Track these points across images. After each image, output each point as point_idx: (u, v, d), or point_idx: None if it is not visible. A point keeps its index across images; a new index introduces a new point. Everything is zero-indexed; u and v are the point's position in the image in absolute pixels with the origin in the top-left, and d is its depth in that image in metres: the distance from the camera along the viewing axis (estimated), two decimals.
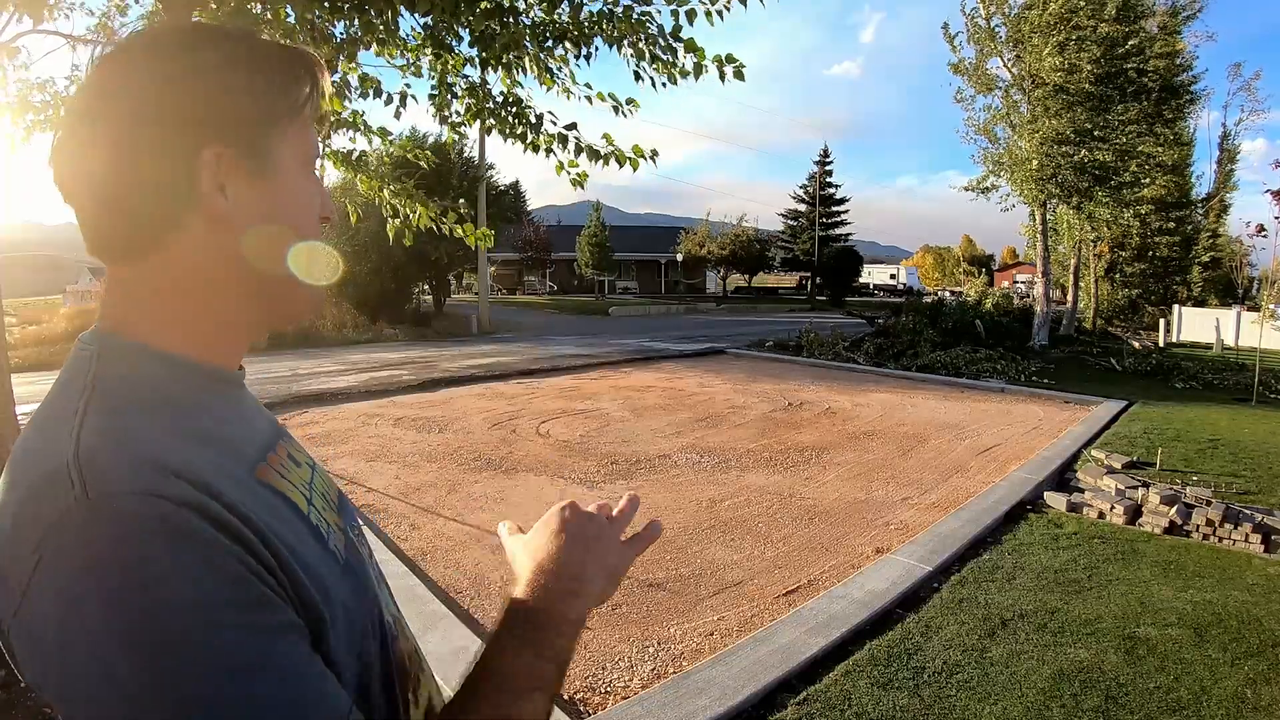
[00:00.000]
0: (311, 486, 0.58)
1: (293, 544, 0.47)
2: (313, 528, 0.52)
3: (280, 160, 0.53)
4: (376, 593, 0.59)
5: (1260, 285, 23.02)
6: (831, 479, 5.36)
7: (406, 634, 0.65)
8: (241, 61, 0.51)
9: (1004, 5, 13.78)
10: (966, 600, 3.34)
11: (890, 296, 40.73)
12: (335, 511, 0.60)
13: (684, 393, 9.08)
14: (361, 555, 0.61)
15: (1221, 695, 2.58)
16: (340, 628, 0.49)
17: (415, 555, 3.83)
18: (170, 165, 0.48)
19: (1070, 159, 13.19)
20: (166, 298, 0.52)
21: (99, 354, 0.49)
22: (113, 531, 0.40)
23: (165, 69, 0.49)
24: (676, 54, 2.28)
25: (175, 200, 0.49)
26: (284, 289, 0.56)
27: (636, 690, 2.62)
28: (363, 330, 16.18)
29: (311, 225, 0.57)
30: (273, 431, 0.60)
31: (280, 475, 0.53)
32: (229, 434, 0.52)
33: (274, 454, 0.55)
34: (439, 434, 6.65)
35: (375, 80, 2.70)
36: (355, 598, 0.53)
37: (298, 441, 0.65)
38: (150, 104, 0.48)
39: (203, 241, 0.51)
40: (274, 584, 0.44)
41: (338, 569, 0.52)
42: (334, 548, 0.54)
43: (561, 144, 2.52)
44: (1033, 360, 12.13)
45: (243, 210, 0.51)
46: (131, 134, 0.48)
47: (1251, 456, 6.05)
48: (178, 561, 0.40)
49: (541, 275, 41.53)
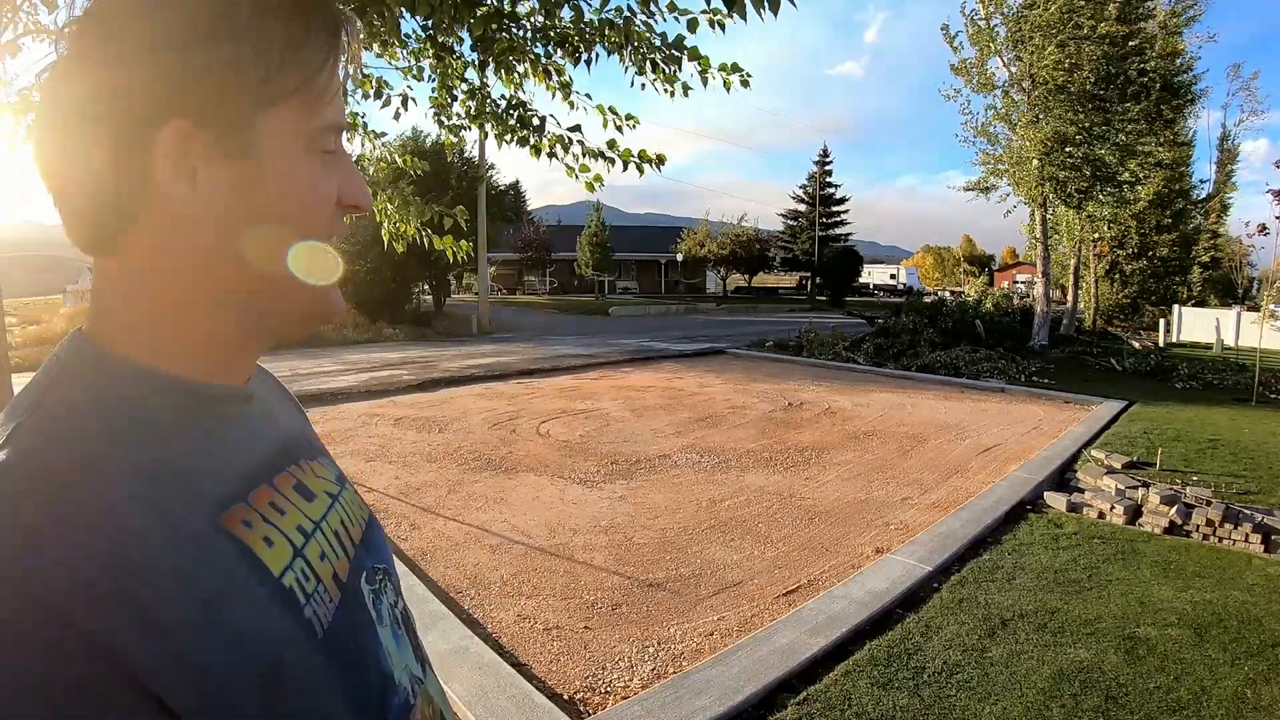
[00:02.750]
0: (318, 527, 0.50)
1: (231, 626, 0.39)
2: (283, 593, 0.43)
3: (272, 143, 0.45)
4: (381, 662, 0.50)
5: (1260, 285, 23.03)
6: (831, 479, 5.37)
7: (430, 697, 0.56)
8: (223, 27, 0.43)
9: (1003, 5, 13.79)
10: (966, 600, 3.34)
11: (890, 296, 40.75)
12: (346, 558, 0.52)
13: (684, 393, 9.08)
14: (369, 616, 0.51)
15: (1221, 695, 2.59)
16: (301, 713, 0.41)
17: (415, 555, 3.84)
18: (121, 154, 0.42)
19: (1071, 158, 13.20)
20: (133, 300, 0.45)
21: (63, 356, 0.44)
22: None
23: (119, 44, 0.42)
24: (681, 64, 2.25)
25: (131, 193, 0.42)
26: (276, 295, 0.47)
27: (636, 690, 2.62)
28: (363, 330, 16.18)
29: (318, 219, 0.48)
30: (280, 456, 0.51)
31: (261, 520, 0.45)
32: (190, 466, 0.43)
33: (266, 489, 0.47)
34: (439, 434, 6.65)
35: (376, 80, 2.71)
36: (336, 673, 0.45)
37: (325, 463, 0.57)
38: (102, 85, 0.42)
39: (167, 238, 0.44)
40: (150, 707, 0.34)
41: (309, 644, 0.44)
42: (311, 616, 0.44)
43: (564, 147, 2.51)
44: (1033, 360, 12.13)
45: (217, 203, 0.44)
46: (81, 120, 0.42)
47: (1251, 456, 6.05)
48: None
49: (541, 275, 41.53)
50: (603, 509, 4.62)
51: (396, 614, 0.56)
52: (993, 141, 14.56)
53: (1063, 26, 12.62)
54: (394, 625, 0.54)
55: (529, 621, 3.13)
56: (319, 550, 0.49)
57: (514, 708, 2.43)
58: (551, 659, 2.85)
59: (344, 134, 0.51)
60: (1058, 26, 12.65)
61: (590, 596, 3.37)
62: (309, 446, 0.57)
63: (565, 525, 4.30)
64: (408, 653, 0.55)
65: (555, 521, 4.36)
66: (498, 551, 3.88)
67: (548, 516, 4.45)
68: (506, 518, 4.43)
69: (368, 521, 0.59)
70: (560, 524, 4.32)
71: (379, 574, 0.56)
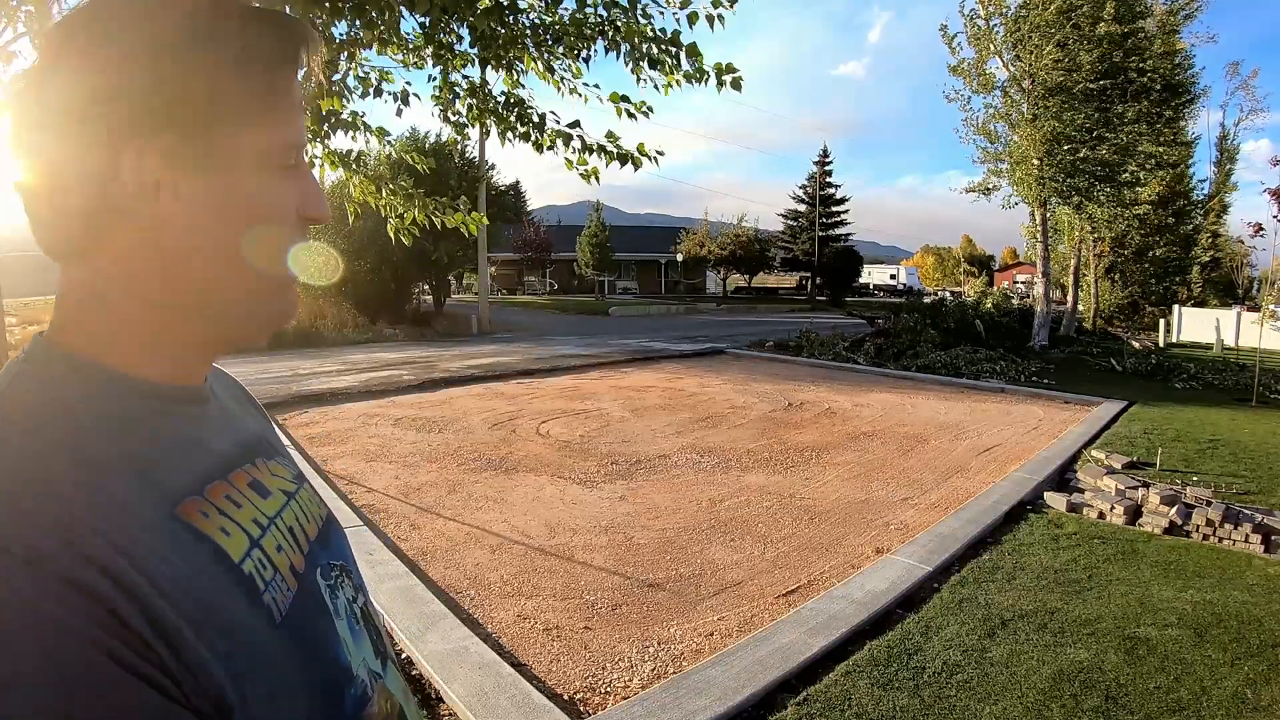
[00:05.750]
0: (273, 522, 0.51)
1: (200, 601, 0.40)
2: (243, 578, 0.45)
3: (233, 157, 0.46)
4: (338, 653, 0.51)
5: (1260, 285, 23.04)
6: (831, 479, 5.37)
7: (389, 691, 0.57)
8: (190, 40, 0.44)
9: (1003, 5, 13.79)
10: (966, 600, 3.34)
11: (890, 297, 40.77)
12: (300, 552, 0.53)
13: (684, 393, 9.08)
14: (326, 607, 0.53)
15: (1221, 695, 2.59)
16: (262, 698, 0.42)
17: (415, 555, 3.83)
18: (89, 165, 0.43)
19: (1071, 157, 13.20)
20: (97, 305, 0.46)
21: (24, 358, 0.45)
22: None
23: (90, 55, 0.43)
24: (679, 59, 2.28)
25: (99, 203, 0.44)
26: (238, 302, 0.49)
27: (636, 690, 2.62)
28: (362, 330, 16.17)
29: (278, 230, 0.49)
30: (236, 454, 0.53)
31: (217, 512, 0.46)
32: (147, 461, 0.44)
33: (221, 484, 0.49)
34: (439, 434, 6.65)
35: (376, 79, 2.71)
36: (294, 660, 0.46)
37: (282, 463, 0.59)
38: (73, 96, 0.43)
39: (132, 248, 0.45)
40: (149, 669, 0.36)
41: (268, 629, 0.45)
42: (269, 602, 0.46)
43: (565, 141, 2.54)
44: (1033, 360, 12.13)
45: (181, 215, 0.45)
46: (49, 130, 0.43)
47: (1251, 456, 6.05)
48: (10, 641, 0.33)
49: (541, 275, 41.54)
50: (603, 509, 4.61)
51: (355, 609, 0.57)
52: (993, 140, 14.57)
53: (1061, 26, 12.62)
54: (351, 620, 0.55)
55: (529, 621, 3.13)
56: (275, 543, 0.50)
57: (514, 708, 2.43)
58: (551, 659, 2.84)
59: (303, 149, 0.52)
60: (1056, 26, 12.66)
61: (590, 596, 3.37)
62: (267, 447, 0.59)
63: (565, 525, 4.29)
64: (366, 648, 0.56)
65: (555, 521, 4.36)
66: (498, 551, 3.87)
67: (548, 516, 4.45)
68: (506, 518, 4.43)
69: (325, 520, 0.60)
70: (560, 524, 4.31)
71: (335, 570, 0.57)
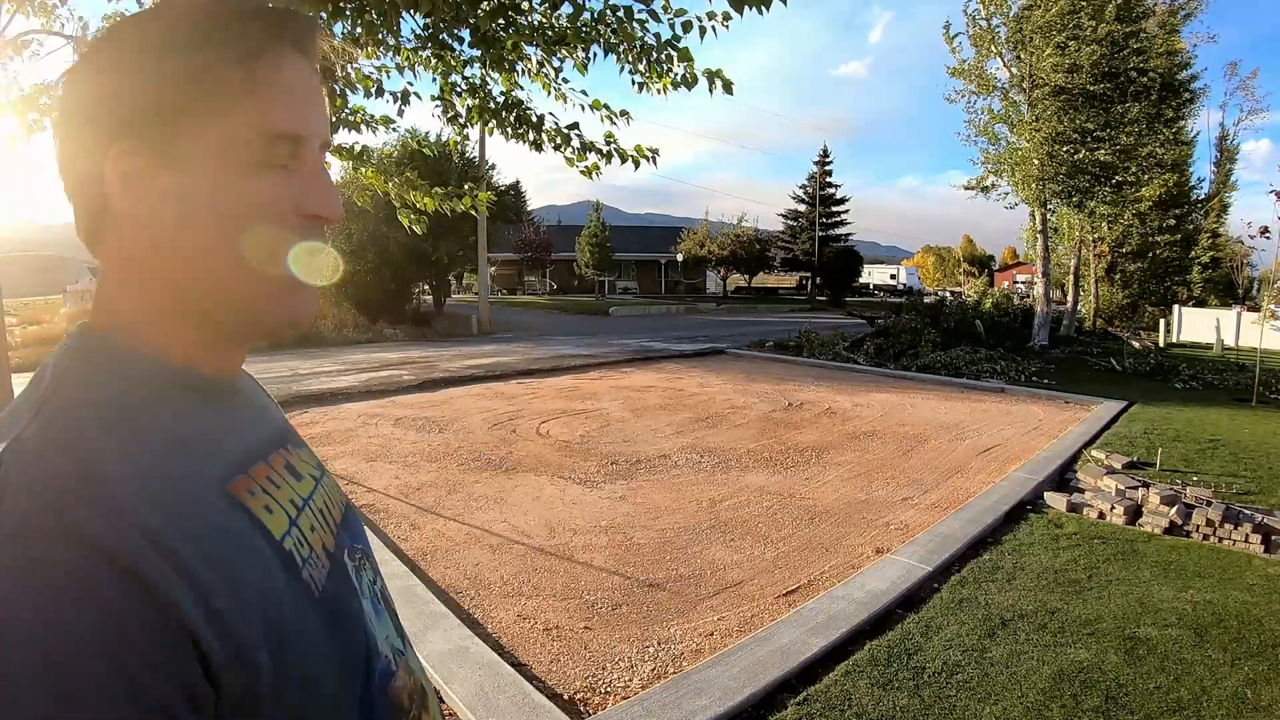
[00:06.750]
0: (307, 504, 0.54)
1: (247, 574, 0.42)
2: (284, 555, 0.47)
3: (202, 154, 0.47)
4: (366, 628, 0.54)
5: (1260, 285, 23.04)
6: (832, 479, 5.37)
7: (410, 669, 0.59)
8: (159, 44, 0.47)
9: (1004, 6, 13.79)
10: (967, 600, 3.34)
11: (890, 297, 40.71)
12: (330, 533, 0.56)
13: (684, 393, 9.08)
14: (354, 586, 0.55)
15: (1221, 695, 2.59)
16: (301, 668, 0.44)
17: (415, 555, 3.84)
18: (87, 161, 0.47)
19: (1071, 158, 13.20)
20: (118, 295, 0.49)
21: (68, 346, 0.47)
22: (9, 555, 0.34)
23: (92, 60, 0.48)
24: (673, 62, 2.32)
25: (96, 197, 0.48)
26: (235, 300, 0.50)
27: (636, 690, 2.62)
28: (363, 330, 16.17)
29: (263, 227, 0.49)
30: (272, 440, 0.56)
31: (261, 491, 0.48)
32: (197, 441, 0.47)
33: (263, 465, 0.51)
34: (439, 434, 6.65)
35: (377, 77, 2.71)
36: (330, 634, 0.48)
37: (307, 453, 0.62)
38: (78, 99, 0.48)
39: (127, 242, 0.48)
40: (194, 645, 0.37)
41: (307, 604, 0.47)
42: (308, 578, 0.48)
43: (564, 141, 2.57)
44: (1033, 360, 12.13)
45: (157, 211, 0.47)
46: (64, 130, 0.48)
47: (1251, 456, 6.05)
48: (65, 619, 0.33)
49: (541, 275, 41.52)
50: (603, 509, 4.61)
51: (376, 590, 0.60)
52: (994, 141, 14.56)
53: (1063, 27, 12.62)
54: (374, 600, 0.58)
55: (529, 621, 3.13)
56: (309, 523, 0.53)
57: (514, 708, 2.43)
58: (551, 659, 2.84)
59: (312, 143, 0.51)
60: (1058, 28, 12.65)
61: (590, 596, 3.37)
62: (295, 436, 0.62)
63: (565, 525, 4.29)
64: (388, 625, 0.59)
65: (555, 521, 4.36)
66: (498, 551, 3.87)
67: (548, 516, 4.45)
68: (506, 518, 4.43)
69: (345, 506, 0.63)
70: (560, 524, 4.31)
71: (358, 553, 0.60)
